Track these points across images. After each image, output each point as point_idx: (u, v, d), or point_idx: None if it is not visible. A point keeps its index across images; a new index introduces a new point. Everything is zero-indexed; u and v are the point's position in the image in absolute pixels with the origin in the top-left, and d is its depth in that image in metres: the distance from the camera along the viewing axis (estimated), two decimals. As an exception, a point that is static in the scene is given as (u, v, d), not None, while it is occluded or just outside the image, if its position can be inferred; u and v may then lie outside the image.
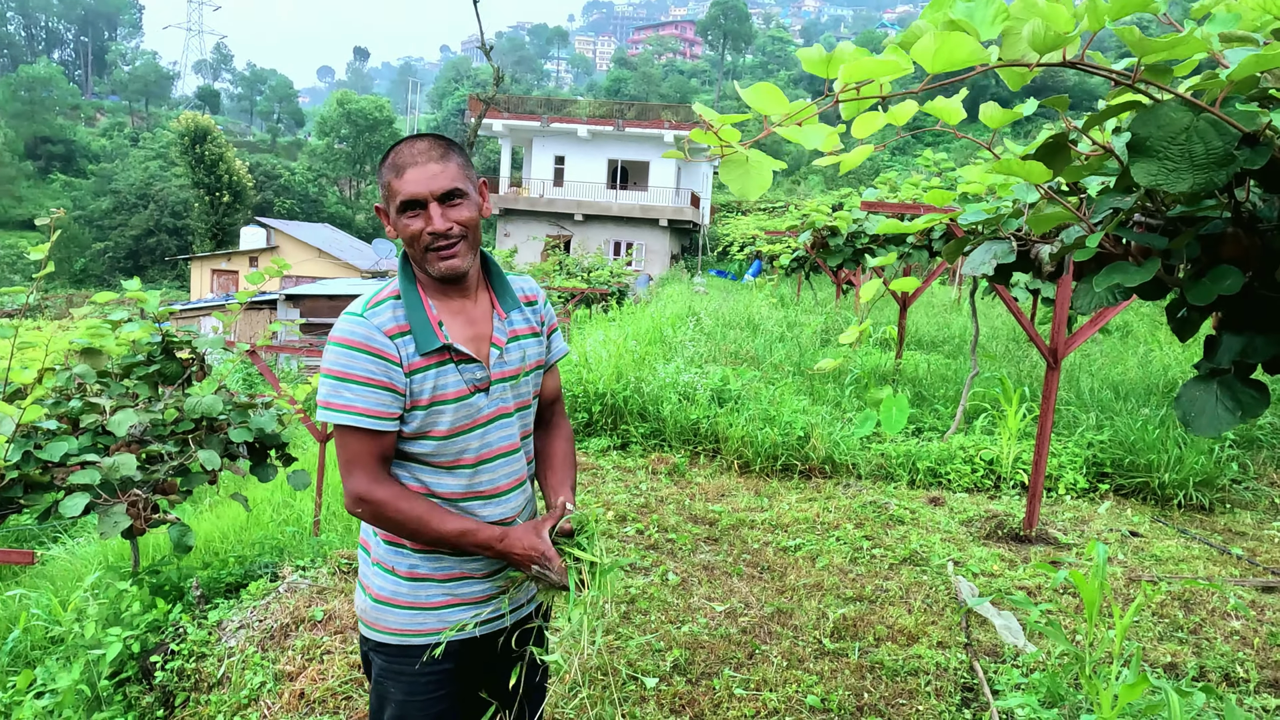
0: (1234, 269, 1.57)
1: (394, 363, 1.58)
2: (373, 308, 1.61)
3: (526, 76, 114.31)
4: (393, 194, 1.61)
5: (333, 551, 4.08)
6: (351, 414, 1.56)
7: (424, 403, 1.61)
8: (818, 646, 3.36)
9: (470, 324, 1.69)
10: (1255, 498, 5.61)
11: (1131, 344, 10.09)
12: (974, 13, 1.31)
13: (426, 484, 1.67)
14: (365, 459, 1.59)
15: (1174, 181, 1.38)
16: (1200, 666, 3.33)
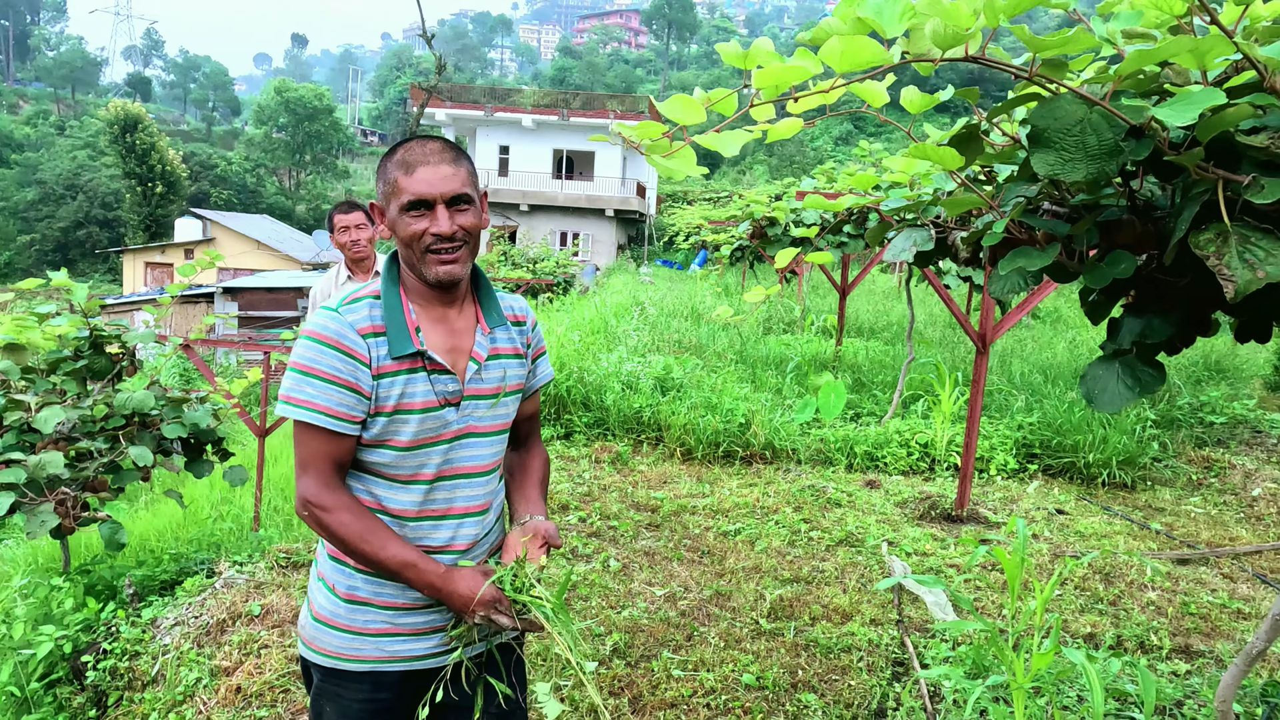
0: (1128, 254, 1.65)
1: (362, 363, 1.51)
2: (349, 304, 1.56)
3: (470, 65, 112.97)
4: (398, 191, 1.54)
5: (271, 546, 4.04)
6: (311, 410, 1.49)
7: (388, 409, 1.54)
8: (755, 627, 3.44)
9: (451, 334, 1.62)
10: (1174, 475, 5.86)
11: (1061, 329, 10.41)
12: (881, 10, 1.37)
13: (379, 498, 1.59)
14: (319, 461, 1.51)
15: (1070, 171, 1.45)
16: (1118, 635, 3.48)
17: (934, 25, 1.35)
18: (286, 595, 3.51)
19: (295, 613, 3.41)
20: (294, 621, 3.35)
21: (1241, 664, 2.31)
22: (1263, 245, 1.38)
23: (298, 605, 3.46)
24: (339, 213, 3.86)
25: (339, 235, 3.84)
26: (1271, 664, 3.32)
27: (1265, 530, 4.92)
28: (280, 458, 7.55)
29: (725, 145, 1.39)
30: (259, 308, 18.56)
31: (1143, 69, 1.55)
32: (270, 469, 7.02)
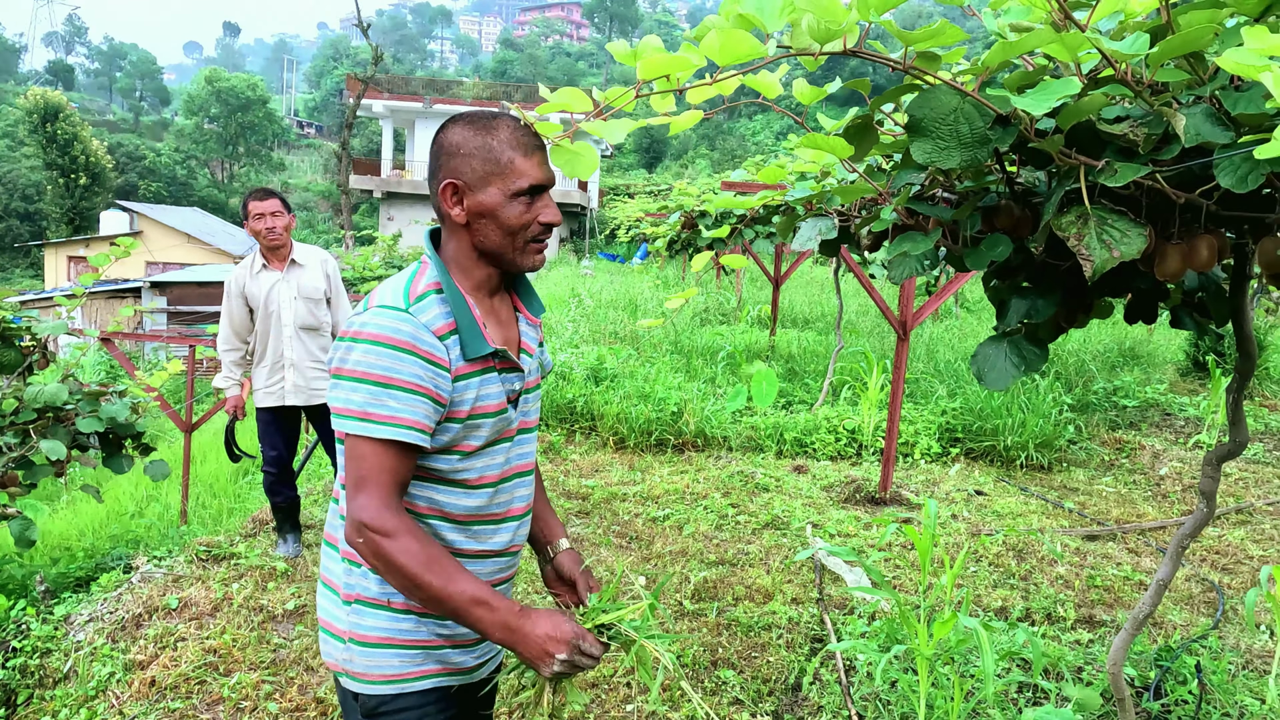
0: (1005, 238, 1.74)
1: (442, 367, 1.36)
2: (417, 302, 1.38)
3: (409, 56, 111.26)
4: (514, 173, 1.39)
5: (192, 540, 3.98)
6: (398, 427, 1.32)
7: (462, 414, 1.40)
8: (678, 608, 3.51)
9: (501, 327, 1.52)
10: (1088, 456, 6.10)
11: (986, 318, 10.72)
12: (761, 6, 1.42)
13: (438, 503, 1.45)
14: (385, 479, 1.33)
15: (945, 158, 1.52)
16: (1027, 608, 3.63)
17: (810, 21, 1.41)
18: (205, 588, 3.47)
19: (214, 605, 3.38)
20: (213, 614, 3.32)
21: (1130, 628, 2.44)
22: (1119, 226, 1.46)
23: (217, 597, 3.42)
24: (254, 199, 3.80)
25: (254, 223, 3.78)
26: (1166, 629, 3.50)
27: (1170, 507, 5.15)
28: (209, 454, 7.41)
29: (611, 133, 1.44)
30: (188, 302, 18.10)
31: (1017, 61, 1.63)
32: (197, 465, 6.89)
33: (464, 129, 1.40)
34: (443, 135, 1.42)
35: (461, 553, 1.47)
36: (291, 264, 3.85)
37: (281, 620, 3.33)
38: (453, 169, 1.40)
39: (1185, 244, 1.50)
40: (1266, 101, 1.21)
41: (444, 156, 1.41)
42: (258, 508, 4.76)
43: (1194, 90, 1.42)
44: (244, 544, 4.05)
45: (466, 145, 1.39)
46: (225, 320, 3.87)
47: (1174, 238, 1.54)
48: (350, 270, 16.15)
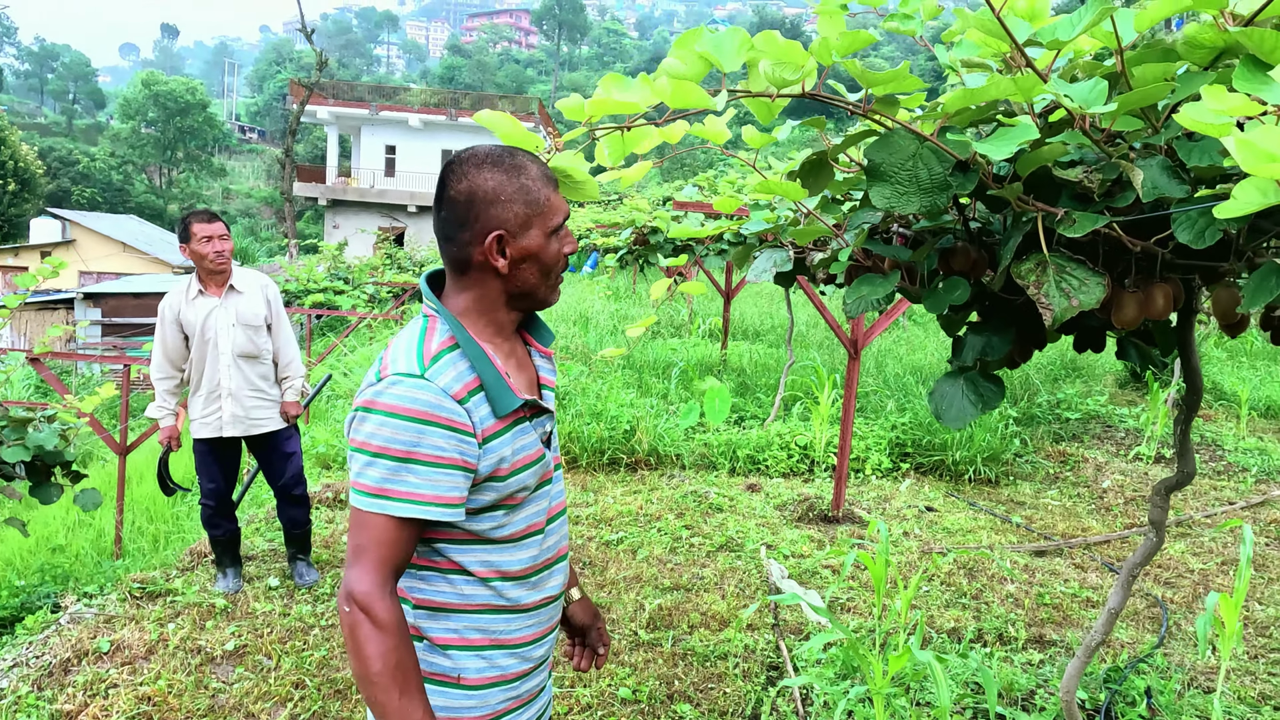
0: (964, 281, 1.73)
1: (467, 434, 1.28)
2: (432, 364, 1.29)
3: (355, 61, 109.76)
4: (553, 210, 1.34)
5: (125, 575, 3.81)
6: (419, 504, 1.25)
7: (504, 472, 1.34)
8: (633, 638, 3.46)
9: (521, 366, 1.46)
10: (1033, 469, 6.20)
11: (933, 331, 10.89)
12: (720, 46, 1.39)
13: (496, 564, 1.38)
14: (388, 555, 1.26)
15: (904, 204, 1.50)
16: (979, 629, 3.66)
17: (767, 67, 1.38)
18: (139, 628, 3.32)
19: (149, 647, 3.23)
20: (147, 657, 3.17)
21: (1083, 656, 2.46)
22: (1077, 275, 1.46)
23: (151, 638, 3.27)
24: (200, 221, 3.62)
25: (200, 245, 3.59)
26: (1114, 647, 3.55)
27: (1113, 520, 5.26)
28: (145, 475, 7.16)
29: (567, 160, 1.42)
30: (124, 314, 17.54)
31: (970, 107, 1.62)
32: (133, 488, 6.65)
33: (496, 173, 1.31)
34: (472, 184, 1.31)
35: (527, 608, 1.42)
36: (230, 289, 3.70)
37: (221, 662, 3.19)
38: (495, 219, 1.31)
39: (1142, 292, 1.50)
40: (1225, 159, 1.21)
41: (481, 206, 1.31)
42: (195, 539, 4.59)
43: (1149, 139, 1.42)
44: (180, 579, 3.89)
45: (505, 191, 1.31)
46: (159, 347, 3.70)
47: (1130, 285, 1.54)
48: (295, 282, 15.81)
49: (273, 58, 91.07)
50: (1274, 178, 0.97)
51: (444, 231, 1.35)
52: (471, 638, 1.38)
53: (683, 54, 1.43)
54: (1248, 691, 3.24)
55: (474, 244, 1.32)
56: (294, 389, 3.84)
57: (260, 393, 3.71)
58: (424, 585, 1.38)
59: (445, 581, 1.37)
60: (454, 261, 1.36)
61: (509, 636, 1.41)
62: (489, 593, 1.38)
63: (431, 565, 1.38)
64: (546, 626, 1.48)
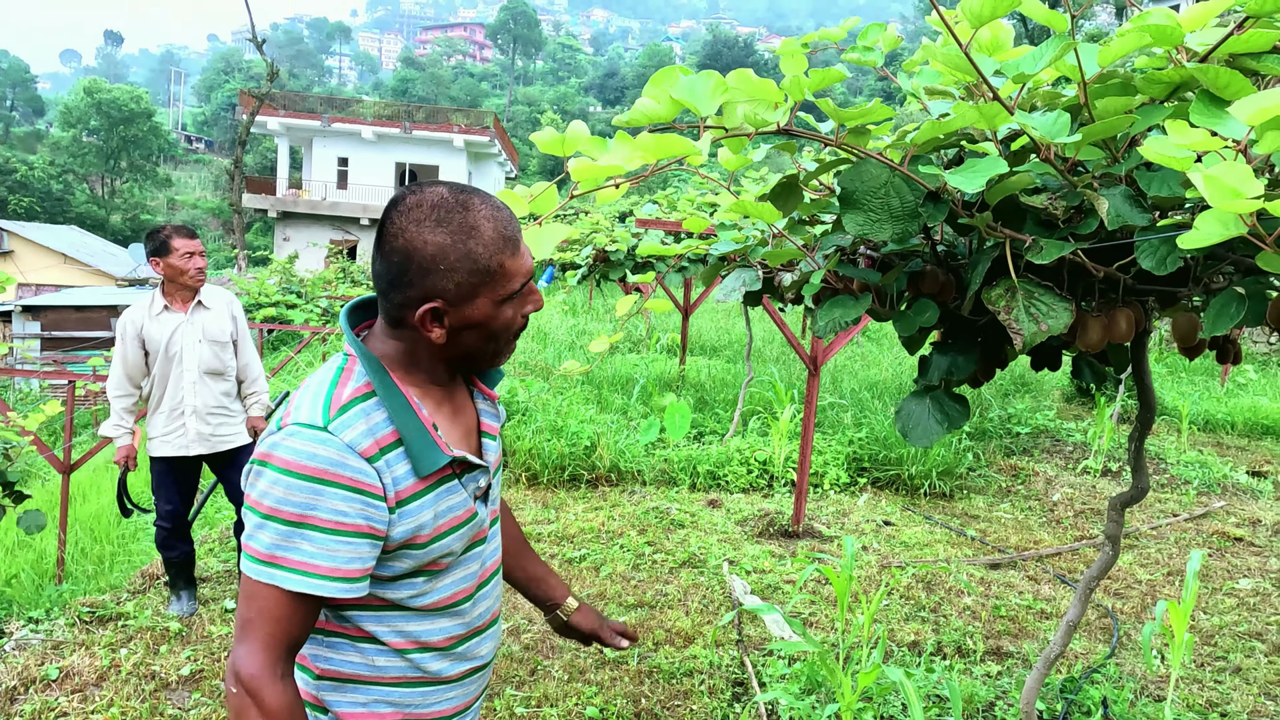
0: (932, 303, 1.77)
1: (375, 496, 1.12)
2: (339, 415, 1.13)
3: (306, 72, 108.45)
4: (508, 276, 1.17)
5: (73, 600, 3.70)
6: (312, 577, 1.10)
7: (424, 539, 1.18)
8: (599, 657, 3.45)
9: (456, 414, 1.28)
10: (986, 483, 6.33)
11: (887, 347, 11.07)
12: (694, 89, 1.40)
13: (414, 635, 1.24)
14: (280, 631, 1.11)
15: (877, 231, 1.53)
16: (938, 642, 3.72)
17: (744, 109, 1.41)
18: (89, 654, 3.22)
19: (100, 673, 3.13)
20: (98, 684, 3.08)
21: (1042, 667, 2.51)
22: (1045, 301, 1.50)
23: (103, 664, 3.18)
24: (181, 236, 3.53)
25: (179, 260, 3.50)
26: (1069, 657, 3.63)
27: (1063, 533, 5.38)
28: (89, 494, 6.95)
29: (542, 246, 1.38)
30: (65, 328, 17.04)
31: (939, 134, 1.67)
32: (77, 506, 6.46)
33: (438, 234, 1.12)
34: (409, 243, 1.12)
35: (449, 680, 1.29)
36: (198, 305, 3.63)
37: (176, 688, 3.11)
38: (432, 288, 1.13)
39: (1105, 316, 1.55)
40: (1185, 190, 1.26)
41: (416, 271, 1.13)
42: (147, 560, 4.47)
43: (1109, 169, 1.47)
44: (132, 602, 3.79)
45: (446, 257, 1.12)
46: (118, 364, 3.58)
47: (1093, 309, 1.60)
48: (246, 296, 15.51)
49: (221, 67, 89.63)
50: (1238, 212, 1.02)
51: (378, 283, 1.19)
52: (382, 712, 1.24)
53: (657, 94, 1.44)
54: (1196, 699, 3.34)
55: (406, 308, 1.16)
56: (260, 403, 3.79)
57: (224, 409, 3.64)
58: (330, 654, 1.23)
59: (355, 651, 1.23)
60: (386, 314, 1.20)
61: (426, 711, 1.27)
62: (405, 664, 1.23)
63: (339, 632, 1.23)
64: (471, 698, 1.35)
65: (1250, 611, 4.21)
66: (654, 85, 1.35)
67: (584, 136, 1.28)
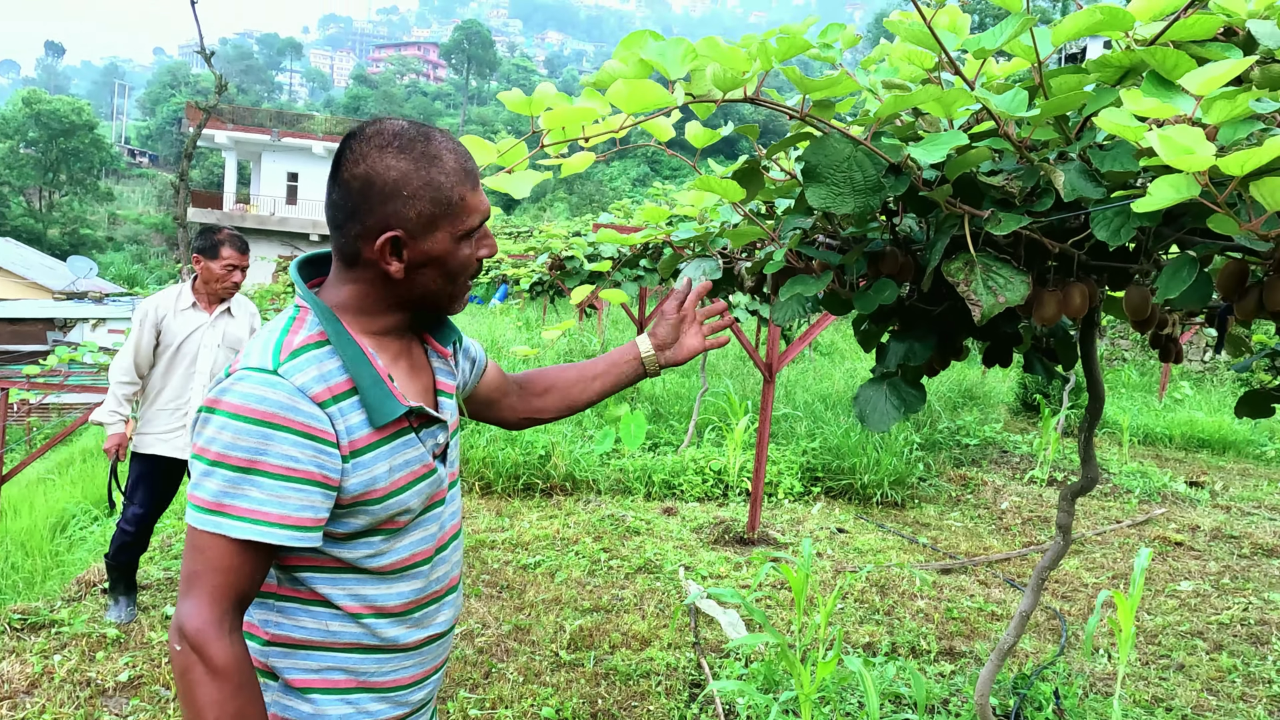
0: (892, 282, 1.80)
1: (327, 443, 1.08)
2: (290, 359, 1.09)
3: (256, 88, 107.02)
4: (467, 210, 1.15)
5: (4, 607, 3.54)
6: (261, 524, 1.05)
7: (379, 493, 1.14)
8: (554, 659, 3.40)
9: (414, 371, 1.25)
10: (937, 492, 6.41)
11: (838, 360, 11.21)
12: (664, 53, 1.41)
13: (367, 598, 1.19)
14: (227, 583, 1.06)
15: (840, 204, 1.55)
16: (893, 643, 3.74)
17: (714, 69, 1.41)
18: (20, 661, 3.08)
19: (31, 680, 3.00)
20: (29, 691, 2.94)
21: (995, 660, 2.54)
22: (1003, 274, 1.53)
23: (34, 672, 3.04)
24: (232, 247, 3.48)
25: (221, 268, 3.46)
26: (1019, 657, 3.68)
27: (1012, 539, 5.47)
28: (21, 509, 6.69)
29: (517, 187, 1.39)
30: (1, 341, 16.47)
31: (899, 115, 1.70)
32: (7, 521, 6.22)
33: (401, 160, 1.10)
34: (370, 168, 1.10)
35: (406, 647, 1.24)
36: (224, 312, 3.58)
37: (114, 694, 2.99)
38: (392, 215, 1.10)
39: (1060, 291, 1.59)
40: (1140, 160, 1.30)
41: (377, 198, 1.10)
42: (83, 568, 4.30)
43: (1064, 149, 1.51)
44: (67, 609, 3.64)
45: (409, 183, 1.10)
46: (130, 349, 3.46)
47: (1049, 285, 1.63)
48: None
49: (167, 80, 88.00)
50: (1193, 169, 1.05)
51: (333, 217, 1.16)
52: (335, 679, 1.19)
53: (626, 57, 1.45)
54: (1143, 695, 3.40)
55: (364, 240, 1.12)
56: None
57: None
58: (280, 619, 1.18)
59: (308, 615, 1.17)
60: (340, 252, 1.17)
61: (381, 679, 1.22)
62: (360, 630, 1.19)
63: (291, 595, 1.17)
64: (430, 667, 1.30)
65: (1191, 612, 4.32)
66: (624, 48, 1.35)
67: (552, 94, 1.28)
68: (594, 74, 1.37)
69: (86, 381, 9.15)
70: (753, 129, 1.82)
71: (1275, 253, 1.27)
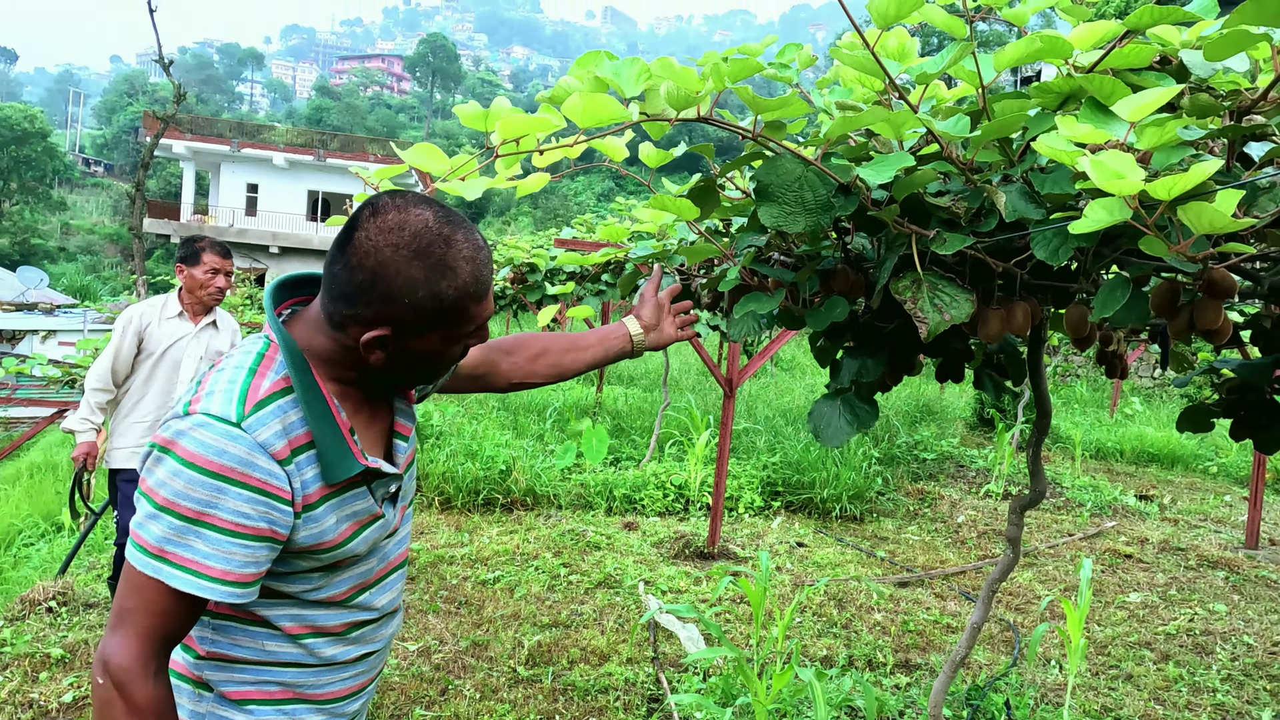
0: (843, 299, 1.83)
1: (282, 501, 1.07)
2: (254, 411, 1.06)
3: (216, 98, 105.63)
4: (468, 319, 1.13)
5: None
6: (200, 578, 1.03)
7: (327, 545, 1.13)
8: (512, 675, 3.38)
9: (373, 417, 1.23)
10: (895, 506, 6.49)
11: (799, 376, 11.31)
12: (620, 72, 1.44)
13: (307, 618, 1.19)
14: (158, 625, 1.04)
15: (791, 223, 1.58)
16: (850, 656, 3.77)
17: (668, 88, 1.44)
18: (-38, 684, 2.99)
19: (-27, 704, 2.91)
20: (-29, 714, 2.86)
21: (948, 671, 2.57)
22: (949, 292, 1.57)
23: (-23, 695, 2.96)
24: (214, 252, 3.45)
25: (203, 274, 3.43)
26: (973, 669, 3.73)
27: (967, 552, 5.55)
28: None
29: (467, 190, 1.40)
30: (-57, 353, 15.99)
31: (850, 136, 1.74)
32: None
33: (413, 268, 1.06)
34: (382, 266, 1.05)
35: (344, 663, 1.25)
36: (210, 324, 3.55)
37: (57, 716, 2.91)
38: (387, 316, 1.07)
39: (1004, 309, 1.63)
40: (1076, 183, 1.34)
41: (379, 297, 1.06)
42: (27, 586, 4.19)
43: (1007, 172, 1.56)
44: (9, 629, 3.54)
45: (414, 292, 1.06)
46: (109, 356, 3.38)
47: (993, 303, 1.68)
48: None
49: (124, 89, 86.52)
50: (1123, 193, 1.09)
51: (329, 285, 1.11)
52: (271, 691, 1.19)
53: (581, 75, 1.47)
54: (1092, 705, 3.47)
55: (353, 324, 1.10)
56: None
57: None
58: (217, 636, 1.18)
59: (245, 635, 1.17)
60: (329, 314, 1.13)
61: (318, 692, 1.23)
62: (298, 650, 1.19)
63: (230, 615, 1.17)
64: (366, 679, 1.31)
65: (1140, 623, 4.41)
66: (580, 66, 1.37)
67: (507, 109, 1.29)
68: (549, 90, 1.39)
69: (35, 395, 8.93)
70: (709, 148, 1.84)
71: (1204, 274, 1.32)
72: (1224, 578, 5.19)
